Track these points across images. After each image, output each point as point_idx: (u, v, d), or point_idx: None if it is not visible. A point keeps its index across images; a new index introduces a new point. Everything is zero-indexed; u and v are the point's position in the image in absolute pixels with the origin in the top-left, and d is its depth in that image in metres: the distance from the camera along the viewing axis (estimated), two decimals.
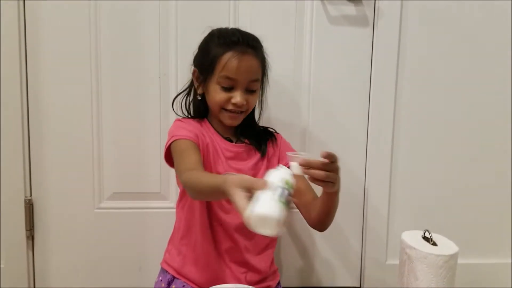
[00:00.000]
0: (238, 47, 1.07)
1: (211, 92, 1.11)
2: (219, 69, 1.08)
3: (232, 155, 1.15)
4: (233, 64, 1.06)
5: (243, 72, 1.07)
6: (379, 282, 1.50)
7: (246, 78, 1.09)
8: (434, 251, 0.96)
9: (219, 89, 1.09)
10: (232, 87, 1.09)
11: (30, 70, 1.34)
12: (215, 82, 1.09)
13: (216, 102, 1.11)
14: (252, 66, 1.09)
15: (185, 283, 1.15)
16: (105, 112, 1.38)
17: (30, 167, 1.38)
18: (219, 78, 1.08)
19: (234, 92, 1.09)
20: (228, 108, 1.11)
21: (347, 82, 1.43)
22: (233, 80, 1.08)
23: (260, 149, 1.19)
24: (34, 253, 1.41)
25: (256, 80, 1.12)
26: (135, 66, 1.37)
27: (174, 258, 1.18)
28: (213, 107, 1.14)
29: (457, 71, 1.45)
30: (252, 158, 1.17)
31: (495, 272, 1.53)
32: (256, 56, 1.10)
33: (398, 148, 1.46)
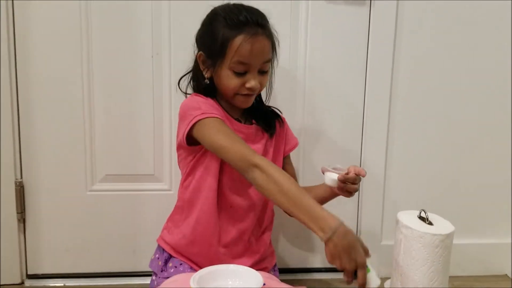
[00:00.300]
0: (248, 29, 1.02)
1: (222, 78, 1.07)
2: (230, 54, 1.03)
3: (244, 137, 1.12)
4: (246, 48, 1.02)
5: (257, 55, 1.04)
6: (374, 263, 1.50)
7: (259, 61, 1.05)
8: (430, 230, 0.96)
9: (231, 74, 1.05)
10: (245, 71, 1.06)
11: (18, 50, 1.31)
12: (226, 68, 1.05)
13: (230, 88, 1.07)
14: (265, 47, 1.06)
15: (182, 262, 1.14)
16: (96, 93, 1.35)
17: (20, 149, 1.35)
18: (232, 64, 1.04)
19: (248, 76, 1.06)
20: (243, 93, 1.08)
21: (344, 61, 1.41)
22: (247, 65, 1.04)
23: (268, 130, 1.17)
24: (25, 236, 1.40)
25: (268, 60, 1.08)
26: (127, 46, 1.34)
27: (173, 236, 1.16)
28: (226, 92, 1.09)
29: (455, 52, 1.43)
30: (261, 140, 1.16)
31: (494, 252, 1.54)
32: (267, 35, 1.06)
33: (394, 128, 1.45)
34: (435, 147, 1.48)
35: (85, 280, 1.42)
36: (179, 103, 1.19)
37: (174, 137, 1.36)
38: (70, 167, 1.38)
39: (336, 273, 1.51)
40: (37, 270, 1.42)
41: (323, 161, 1.45)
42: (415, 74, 1.43)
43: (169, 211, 1.23)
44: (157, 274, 1.17)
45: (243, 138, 1.09)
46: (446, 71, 1.44)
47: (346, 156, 1.46)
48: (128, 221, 1.42)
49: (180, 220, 1.15)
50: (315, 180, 1.44)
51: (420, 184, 1.50)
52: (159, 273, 1.16)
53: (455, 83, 1.45)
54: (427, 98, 1.45)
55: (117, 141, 1.38)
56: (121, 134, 1.38)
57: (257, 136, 1.16)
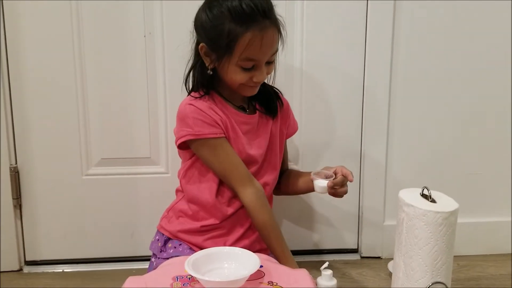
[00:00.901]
0: (257, 24, 0.98)
1: (229, 73, 1.03)
2: (239, 51, 0.99)
3: (249, 128, 1.12)
4: (255, 46, 0.98)
5: (266, 50, 1.00)
6: (377, 244, 1.49)
7: (268, 55, 1.02)
8: (433, 208, 0.92)
9: (239, 70, 1.02)
10: (253, 65, 1.02)
11: (8, 31, 1.27)
12: (234, 64, 1.01)
13: (236, 82, 1.04)
14: (274, 40, 1.02)
15: (182, 242, 1.13)
16: (89, 74, 1.32)
17: (14, 134, 1.33)
18: (240, 61, 1.00)
19: (256, 71, 1.03)
20: (250, 85, 1.05)
21: (342, 39, 1.37)
22: (255, 61, 1.01)
23: (271, 113, 1.15)
24: (22, 222, 1.38)
25: (276, 50, 1.05)
26: (119, 25, 1.30)
27: (175, 226, 1.15)
28: (232, 84, 1.06)
29: (455, 27, 1.38)
30: (266, 127, 1.15)
31: (499, 231, 1.51)
32: (275, 26, 1.02)
33: (395, 107, 1.42)
34: (437, 124, 1.45)
35: (84, 266, 1.41)
36: (173, 83, 1.17)
37: (169, 119, 1.35)
38: (65, 151, 1.35)
39: (338, 254, 1.50)
40: (36, 257, 1.41)
41: (323, 141, 1.43)
42: (416, 48, 1.39)
43: (166, 194, 1.21)
44: (156, 255, 1.17)
45: (248, 128, 1.11)
46: (447, 46, 1.39)
47: (346, 136, 1.43)
48: (125, 205, 1.40)
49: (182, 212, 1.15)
50: (313, 161, 1.43)
51: (422, 163, 1.46)
52: (158, 254, 1.16)
53: (458, 56, 1.40)
54: (428, 74, 1.41)
55: (111, 124, 1.35)
56: (116, 116, 1.35)
57: (261, 124, 1.14)
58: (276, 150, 1.17)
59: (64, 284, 1.32)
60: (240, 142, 1.09)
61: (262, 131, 1.14)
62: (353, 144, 1.44)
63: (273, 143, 1.16)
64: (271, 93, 1.18)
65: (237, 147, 1.08)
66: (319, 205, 1.47)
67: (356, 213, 1.49)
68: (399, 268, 0.99)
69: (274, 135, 1.16)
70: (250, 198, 1.06)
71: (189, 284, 0.85)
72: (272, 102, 1.16)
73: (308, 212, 1.48)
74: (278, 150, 1.18)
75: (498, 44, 1.41)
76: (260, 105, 1.15)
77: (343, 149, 1.44)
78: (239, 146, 1.09)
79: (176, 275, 0.88)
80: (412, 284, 0.96)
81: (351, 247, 1.51)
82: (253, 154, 1.11)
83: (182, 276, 0.88)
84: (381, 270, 1.40)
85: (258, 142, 1.13)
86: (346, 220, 1.49)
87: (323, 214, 1.48)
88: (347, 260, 1.48)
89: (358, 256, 1.50)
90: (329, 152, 1.44)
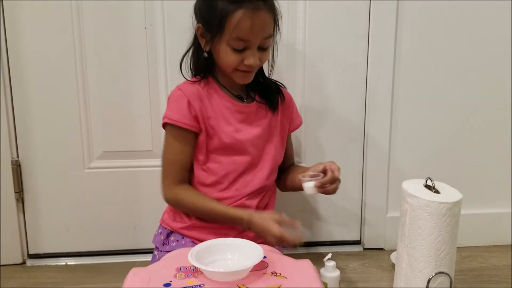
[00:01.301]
0: (249, 3, 0.97)
1: (221, 54, 1.03)
2: (229, 30, 0.98)
3: (244, 117, 1.11)
4: (245, 24, 0.97)
5: (257, 31, 0.99)
6: (380, 235, 1.48)
7: (260, 37, 1.01)
8: (437, 198, 0.92)
9: (230, 51, 1.01)
10: (244, 47, 1.01)
11: (8, 27, 1.27)
12: (225, 44, 1.01)
13: (228, 64, 1.04)
14: (266, 23, 1.00)
15: (184, 236, 1.13)
16: (90, 67, 1.31)
17: (15, 128, 1.33)
18: (230, 40, 0.99)
19: (247, 53, 1.02)
20: (242, 69, 1.04)
21: (345, 27, 1.36)
22: (246, 42, 1.00)
23: (271, 106, 1.14)
24: (25, 216, 1.38)
25: (269, 36, 1.03)
26: (119, 17, 1.29)
27: (176, 223, 1.15)
28: (224, 68, 1.06)
29: (460, 13, 1.37)
30: (264, 119, 1.13)
31: (502, 222, 1.51)
32: (269, 9, 1.01)
33: (399, 97, 1.41)
34: (440, 116, 1.44)
35: (87, 259, 1.41)
36: (174, 75, 1.16)
37: None
38: (66, 144, 1.35)
39: (340, 246, 1.50)
40: (38, 250, 1.41)
41: (325, 134, 1.43)
42: (419, 40, 1.38)
43: None
44: (159, 248, 1.17)
45: (243, 117, 1.10)
46: (451, 37, 1.39)
47: (350, 127, 1.43)
48: (128, 198, 1.40)
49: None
50: (316, 153, 1.43)
51: (425, 154, 1.46)
52: (161, 247, 1.16)
53: (462, 48, 1.40)
54: (431, 66, 1.40)
55: (113, 117, 1.35)
56: (117, 109, 1.35)
57: (258, 114, 1.13)
58: (275, 143, 1.16)
59: (67, 277, 1.32)
60: (228, 128, 1.08)
61: (258, 122, 1.13)
62: (356, 136, 1.44)
63: (272, 136, 1.15)
64: (272, 86, 1.17)
65: (224, 131, 1.08)
66: (322, 197, 1.46)
67: (359, 205, 1.49)
68: (403, 259, 0.99)
69: (273, 128, 1.15)
70: (166, 198, 1.11)
71: (193, 275, 0.85)
72: (273, 95, 1.15)
73: (311, 204, 1.48)
74: (279, 143, 1.17)
75: (502, 34, 1.40)
76: (260, 97, 1.15)
77: (346, 140, 1.44)
78: (226, 130, 1.08)
79: (179, 266, 0.88)
80: (416, 275, 0.96)
81: (354, 239, 1.51)
82: (241, 139, 1.09)
83: (186, 267, 0.88)
84: (384, 261, 1.41)
85: (251, 131, 1.11)
86: (349, 212, 1.49)
87: (325, 206, 1.48)
88: (350, 251, 1.48)
89: (360, 248, 1.50)
90: (332, 144, 1.44)
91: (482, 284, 1.27)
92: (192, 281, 0.83)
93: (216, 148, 1.09)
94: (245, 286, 0.81)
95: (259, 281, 0.83)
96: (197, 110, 1.05)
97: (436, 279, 0.94)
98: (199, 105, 1.06)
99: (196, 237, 1.12)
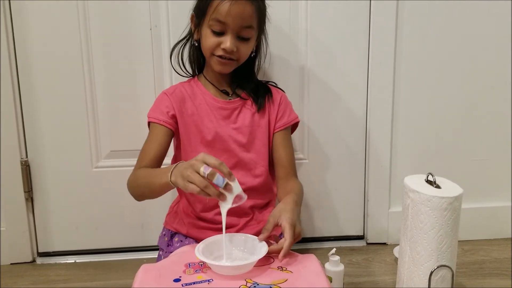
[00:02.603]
0: None
1: (203, 37, 1.08)
2: (210, 11, 1.04)
3: (227, 114, 1.13)
4: (224, 7, 1.02)
5: (234, 16, 1.03)
6: (383, 230, 1.50)
7: (237, 24, 1.04)
8: (438, 193, 0.94)
9: (209, 33, 1.06)
10: (222, 32, 1.05)
11: (16, 29, 1.29)
12: (206, 26, 1.06)
13: (207, 47, 1.08)
14: (245, 11, 1.04)
15: (188, 236, 1.16)
16: (96, 67, 1.34)
17: (24, 128, 1.35)
18: (210, 21, 1.04)
19: (225, 37, 1.05)
20: (218, 54, 1.07)
21: (346, 26, 1.38)
22: (224, 24, 1.04)
23: (257, 103, 1.16)
24: (34, 215, 1.41)
25: (248, 26, 1.06)
26: (125, 19, 1.31)
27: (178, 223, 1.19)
28: (205, 52, 1.11)
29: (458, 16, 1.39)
30: (248, 116, 1.15)
31: (503, 215, 1.52)
32: (252, 2, 1.05)
33: (399, 94, 1.43)
34: (441, 111, 1.46)
35: (96, 256, 1.43)
36: (179, 75, 1.18)
37: None
38: (74, 144, 1.37)
39: (344, 241, 1.52)
40: (48, 248, 1.43)
41: (328, 130, 1.44)
42: (420, 37, 1.40)
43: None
44: (163, 250, 1.19)
45: (226, 114, 1.13)
46: (452, 33, 1.40)
47: (352, 123, 1.45)
48: None
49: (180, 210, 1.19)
50: (318, 150, 1.45)
51: (426, 150, 1.48)
52: (165, 248, 1.19)
53: (462, 45, 1.41)
54: (432, 63, 1.42)
55: (120, 116, 1.37)
56: (124, 109, 1.37)
57: (242, 111, 1.15)
58: (263, 140, 1.16)
59: (76, 274, 1.34)
60: (210, 124, 1.12)
61: (241, 119, 1.15)
62: (358, 132, 1.46)
63: (256, 134, 1.16)
64: (258, 85, 1.19)
65: (207, 127, 1.12)
66: (325, 193, 1.49)
67: (362, 200, 1.51)
68: (405, 253, 1.02)
69: (257, 126, 1.16)
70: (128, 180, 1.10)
71: (201, 270, 0.88)
72: (259, 94, 1.17)
73: (314, 200, 1.49)
74: (266, 140, 1.17)
75: (502, 33, 1.41)
76: (247, 95, 1.17)
77: (348, 137, 1.46)
78: (209, 126, 1.12)
79: (188, 262, 0.91)
80: (418, 268, 0.98)
81: (357, 234, 1.54)
82: (223, 135, 1.12)
83: (194, 263, 0.91)
84: (387, 255, 1.43)
85: (233, 127, 1.14)
86: (352, 207, 1.51)
87: (329, 202, 1.50)
88: (353, 246, 1.50)
89: (364, 243, 1.52)
90: (334, 140, 1.46)
91: (483, 276, 1.29)
92: (201, 276, 0.86)
93: (200, 145, 1.12)
94: (252, 280, 0.84)
95: (266, 275, 0.86)
96: (176, 109, 1.11)
97: (438, 272, 0.97)
98: (179, 105, 1.12)
99: (199, 237, 1.13)
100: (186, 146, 1.13)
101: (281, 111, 1.19)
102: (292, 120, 1.20)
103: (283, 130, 1.18)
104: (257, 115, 1.16)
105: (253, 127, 1.15)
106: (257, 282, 0.83)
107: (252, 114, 1.15)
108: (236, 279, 0.84)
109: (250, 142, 1.15)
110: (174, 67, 1.20)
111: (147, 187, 1.02)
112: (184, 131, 1.12)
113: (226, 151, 1.13)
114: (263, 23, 1.13)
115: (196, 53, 1.17)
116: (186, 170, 0.86)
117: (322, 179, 1.47)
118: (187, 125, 1.12)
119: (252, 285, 0.82)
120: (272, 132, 1.18)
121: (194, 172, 0.85)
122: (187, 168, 0.86)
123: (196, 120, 1.12)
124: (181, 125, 1.12)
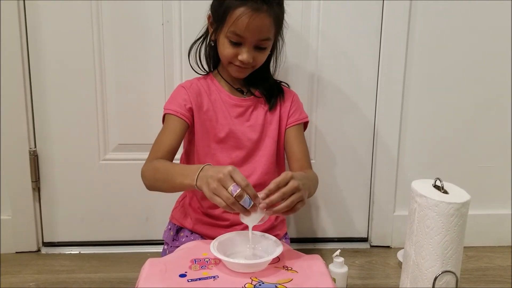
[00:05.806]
0: (252, 3, 1.00)
1: (220, 44, 1.08)
2: (229, 23, 1.02)
3: (241, 111, 1.14)
4: (242, 22, 1.00)
5: (253, 31, 1.02)
6: (387, 233, 1.50)
7: (255, 37, 1.04)
8: (445, 199, 0.94)
9: (227, 43, 1.05)
10: (240, 43, 1.04)
11: (29, 21, 1.30)
12: (224, 35, 1.05)
13: (224, 56, 1.08)
14: (264, 25, 1.03)
15: (193, 231, 1.17)
16: (108, 61, 1.34)
17: (33, 118, 1.36)
18: (228, 33, 1.03)
19: (242, 49, 1.05)
20: (236, 64, 1.07)
21: (357, 27, 1.38)
22: (241, 37, 1.03)
23: (268, 102, 1.16)
24: (41, 205, 1.42)
25: (266, 39, 1.06)
26: (137, 14, 1.32)
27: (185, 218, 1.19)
28: (222, 59, 1.10)
29: (471, 17, 1.38)
30: (261, 114, 1.16)
31: (508, 223, 1.52)
32: (270, 14, 1.03)
33: (409, 96, 1.43)
34: (449, 117, 1.45)
35: (100, 248, 1.44)
36: (189, 70, 1.19)
37: None
38: (83, 136, 1.38)
39: (348, 242, 1.52)
40: (53, 238, 1.44)
41: (336, 131, 1.44)
42: (430, 41, 1.39)
43: None
44: (168, 244, 1.19)
45: (240, 111, 1.13)
46: (462, 39, 1.40)
47: (360, 125, 1.45)
48: (141, 189, 1.37)
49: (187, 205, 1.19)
50: (327, 152, 1.45)
51: (433, 154, 1.48)
52: (171, 243, 1.19)
53: (471, 50, 1.41)
54: (442, 67, 1.41)
55: (129, 110, 1.38)
56: (133, 103, 1.38)
57: (255, 109, 1.16)
58: (273, 137, 1.16)
59: (80, 265, 1.35)
60: (224, 120, 1.13)
61: (255, 117, 1.15)
62: (366, 135, 1.46)
63: (268, 131, 1.16)
64: (273, 85, 1.19)
65: (221, 123, 1.12)
66: (330, 194, 1.49)
67: (367, 202, 1.51)
68: (410, 257, 1.01)
69: (269, 124, 1.16)
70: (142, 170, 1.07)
71: (207, 267, 0.88)
72: (272, 93, 1.18)
73: (319, 201, 1.50)
74: (276, 138, 1.17)
75: None
76: (260, 94, 1.17)
77: (356, 139, 1.46)
78: (223, 122, 1.12)
79: (194, 258, 0.91)
80: (423, 273, 0.98)
81: (361, 236, 1.54)
82: (236, 132, 1.13)
83: (200, 259, 0.91)
84: (391, 259, 1.43)
85: (247, 124, 1.14)
86: (357, 209, 1.51)
87: (333, 203, 1.50)
88: (357, 248, 1.50)
89: (367, 245, 1.53)
90: (342, 142, 1.46)
91: (486, 283, 1.29)
92: (207, 272, 0.86)
93: (213, 141, 1.12)
94: (258, 279, 0.84)
95: (271, 274, 0.86)
96: (193, 103, 1.10)
97: (442, 277, 0.96)
98: (196, 100, 1.11)
99: (204, 233, 1.15)
100: (199, 140, 1.13)
101: (293, 107, 1.19)
102: (304, 118, 1.21)
103: (296, 126, 1.18)
104: (269, 114, 1.17)
105: (265, 125, 1.16)
106: (262, 281, 0.83)
107: (264, 112, 1.16)
108: (241, 277, 0.84)
109: (261, 139, 1.16)
110: (192, 65, 1.18)
111: (168, 183, 0.99)
112: (199, 126, 1.12)
113: (238, 148, 1.14)
114: (281, 29, 1.11)
115: (213, 52, 1.16)
116: (213, 181, 0.83)
117: (328, 180, 1.48)
118: (202, 120, 1.12)
119: (257, 283, 0.83)
120: (284, 129, 1.18)
121: (221, 187, 0.83)
122: (214, 180, 0.84)
123: (211, 116, 1.12)
124: (197, 119, 1.11)
